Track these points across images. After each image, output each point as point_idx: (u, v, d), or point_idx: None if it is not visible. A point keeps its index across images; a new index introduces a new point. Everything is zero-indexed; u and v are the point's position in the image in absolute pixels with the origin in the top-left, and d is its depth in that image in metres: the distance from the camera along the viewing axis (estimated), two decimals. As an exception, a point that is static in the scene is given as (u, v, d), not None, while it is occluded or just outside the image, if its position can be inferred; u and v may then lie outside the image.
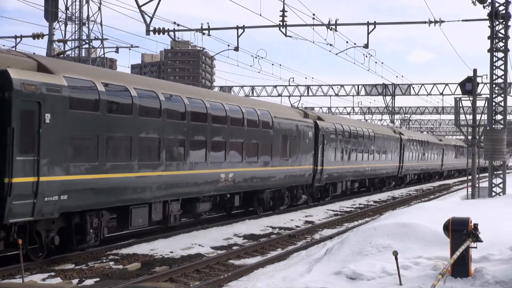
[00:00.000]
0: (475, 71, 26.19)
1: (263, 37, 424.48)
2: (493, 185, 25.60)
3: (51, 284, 12.89)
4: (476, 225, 11.15)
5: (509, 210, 17.09)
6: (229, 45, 33.02)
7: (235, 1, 30.76)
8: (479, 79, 30.47)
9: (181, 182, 19.56)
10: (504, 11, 24.74)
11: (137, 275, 14.01)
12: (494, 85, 25.32)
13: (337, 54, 33.67)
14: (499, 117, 25.44)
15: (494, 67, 25.11)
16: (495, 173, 25.93)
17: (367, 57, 37.16)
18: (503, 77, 25.15)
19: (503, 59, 25.02)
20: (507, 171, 30.84)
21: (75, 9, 54.77)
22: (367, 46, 30.79)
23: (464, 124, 27.62)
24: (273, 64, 46.44)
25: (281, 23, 28.79)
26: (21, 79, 13.65)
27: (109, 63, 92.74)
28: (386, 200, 38.00)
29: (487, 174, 27.74)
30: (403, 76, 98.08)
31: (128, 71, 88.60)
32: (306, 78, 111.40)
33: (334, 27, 29.66)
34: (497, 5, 24.70)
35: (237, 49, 31.80)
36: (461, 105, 26.41)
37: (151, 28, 28.02)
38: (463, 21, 28.49)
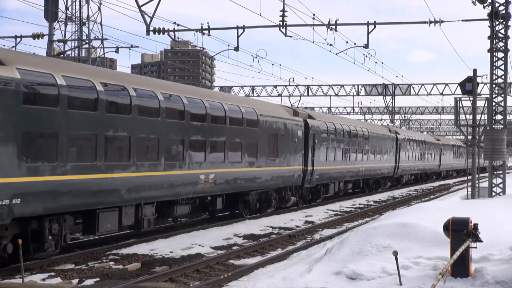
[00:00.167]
0: (475, 71, 26.19)
1: (263, 37, 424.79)
2: (493, 185, 25.60)
3: (51, 284, 12.88)
4: (476, 225, 11.15)
5: (509, 210, 17.08)
6: (229, 45, 33.07)
7: (235, 1, 30.81)
8: (479, 79, 30.49)
9: (155, 184, 18.23)
10: (504, 11, 24.74)
11: (137, 275, 14.01)
12: (494, 85, 25.32)
13: (337, 54, 33.73)
14: (499, 117, 25.44)
15: (494, 67, 25.10)
16: (495, 173, 25.93)
17: (367, 57, 37.23)
18: (503, 77, 25.15)
19: (503, 59, 25.02)
20: (507, 171, 30.82)
21: (75, 9, 54.79)
22: (367, 46, 30.81)
23: (464, 124, 27.63)
24: (273, 64, 46.58)
25: (281, 23, 28.80)
26: None
27: (109, 63, 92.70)
28: (386, 200, 37.99)
29: (486, 174, 27.74)
30: (403, 76, 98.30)
31: (128, 71, 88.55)
32: (306, 78, 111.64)
33: (334, 27, 29.68)
34: (497, 5, 24.69)
35: (237, 49, 31.81)
36: (461, 105, 26.41)
37: (151, 28, 28.04)
38: (463, 21, 28.52)
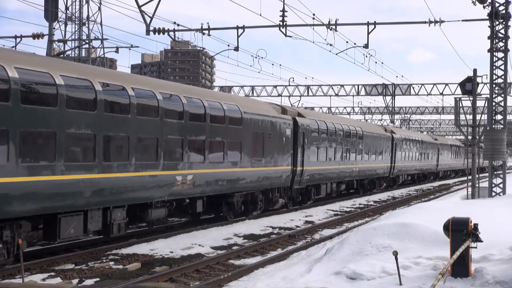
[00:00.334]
0: (475, 71, 26.20)
1: (263, 37, 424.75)
2: (493, 185, 25.61)
3: (51, 284, 12.88)
4: (476, 225, 11.15)
5: (509, 210, 17.07)
6: (229, 45, 33.07)
7: (235, 1, 30.81)
8: (479, 79, 30.52)
9: (125, 186, 16.93)
10: (504, 11, 24.74)
11: (137, 275, 14.01)
12: (494, 85, 25.32)
13: (337, 54, 33.73)
14: (499, 117, 25.44)
15: (494, 67, 25.10)
16: (495, 173, 25.93)
17: (367, 57, 37.22)
18: (503, 77, 25.15)
19: (503, 59, 25.02)
20: (507, 171, 30.82)
21: (75, 9, 54.67)
22: (367, 46, 30.80)
23: (464, 124, 27.64)
24: (273, 64, 46.61)
25: (281, 23, 28.80)
26: None
27: (109, 63, 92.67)
28: (386, 200, 38.00)
29: (486, 174, 27.75)
30: (403, 76, 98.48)
31: (128, 71, 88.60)
32: (306, 78, 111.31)
33: (334, 27, 29.68)
34: (497, 5, 24.70)
35: (237, 49, 31.81)
36: (461, 105, 26.42)
37: (151, 28, 28.03)
38: (463, 21, 28.51)
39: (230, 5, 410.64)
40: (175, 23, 29.31)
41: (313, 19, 29.55)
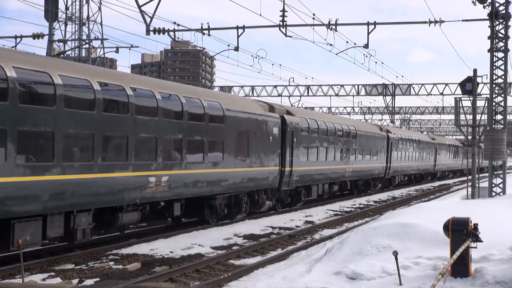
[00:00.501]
0: (475, 71, 26.21)
1: (263, 37, 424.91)
2: (493, 185, 25.61)
3: (51, 284, 12.88)
4: (476, 225, 11.15)
5: (509, 210, 17.08)
6: (229, 45, 33.09)
7: (235, 1, 30.80)
8: (479, 79, 30.53)
9: (90, 188, 15.72)
10: (504, 11, 24.75)
11: (137, 275, 14.01)
12: (494, 85, 25.33)
13: (337, 54, 33.76)
14: (499, 117, 25.44)
15: (494, 67, 25.12)
16: (495, 173, 25.94)
17: (367, 57, 37.25)
18: (503, 77, 25.16)
19: (503, 59, 25.03)
20: (507, 171, 30.82)
21: (75, 9, 54.72)
22: (367, 46, 30.82)
23: (464, 124, 27.65)
24: (273, 64, 46.65)
25: (281, 23, 28.82)
26: None
27: (109, 63, 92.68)
28: (386, 200, 38.01)
29: (485, 174, 27.76)
30: (403, 76, 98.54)
31: (128, 71, 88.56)
32: (306, 78, 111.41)
33: (334, 27, 29.70)
34: (497, 5, 24.71)
35: (237, 49, 31.82)
36: (461, 105, 26.44)
37: (151, 28, 28.06)
38: (463, 21, 28.52)
39: (230, 5, 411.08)
40: (175, 23, 29.34)
41: (313, 19, 29.61)
